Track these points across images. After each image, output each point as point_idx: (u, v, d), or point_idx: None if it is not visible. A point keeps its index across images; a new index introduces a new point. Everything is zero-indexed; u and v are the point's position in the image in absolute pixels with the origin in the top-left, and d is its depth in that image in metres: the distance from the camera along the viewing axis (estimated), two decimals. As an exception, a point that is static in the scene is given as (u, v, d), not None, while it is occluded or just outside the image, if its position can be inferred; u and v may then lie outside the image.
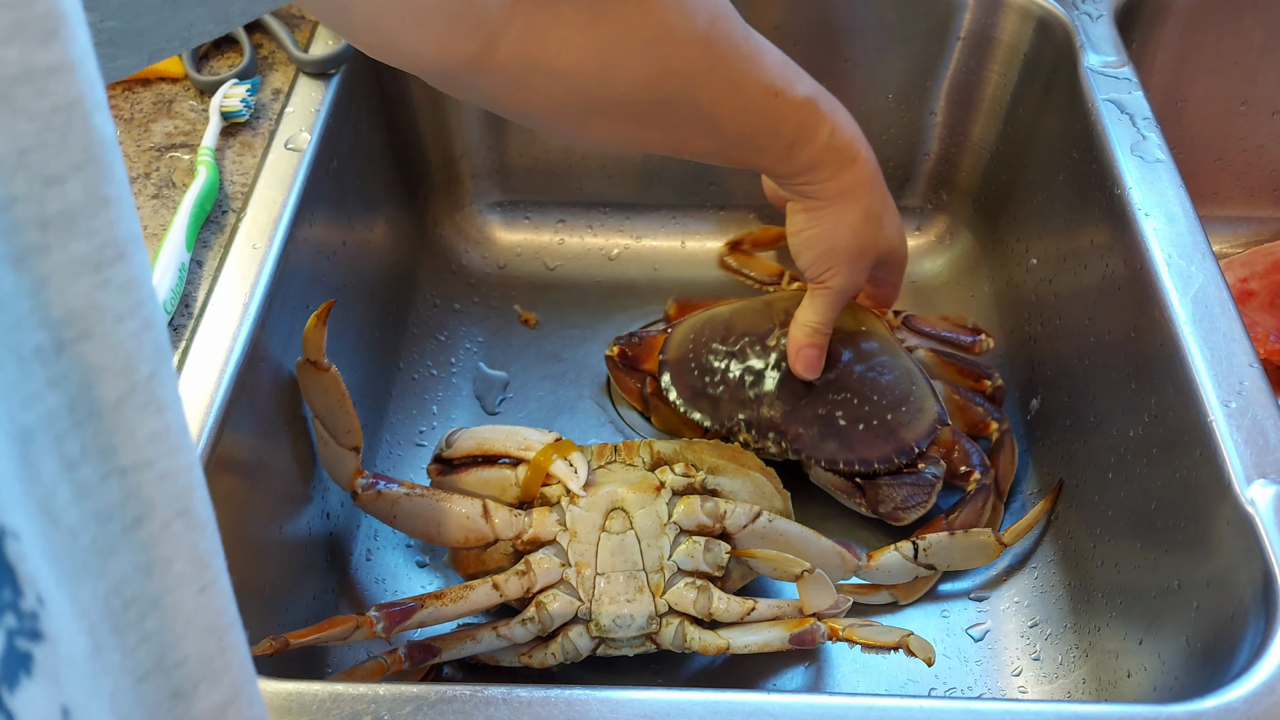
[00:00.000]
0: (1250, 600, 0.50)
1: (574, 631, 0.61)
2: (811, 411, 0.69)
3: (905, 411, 0.70)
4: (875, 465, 0.68)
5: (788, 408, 0.69)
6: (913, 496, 0.68)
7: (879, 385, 0.70)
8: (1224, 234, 0.95)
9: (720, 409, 0.71)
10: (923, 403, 0.71)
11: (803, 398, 0.70)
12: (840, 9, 0.86)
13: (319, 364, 0.62)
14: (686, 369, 0.73)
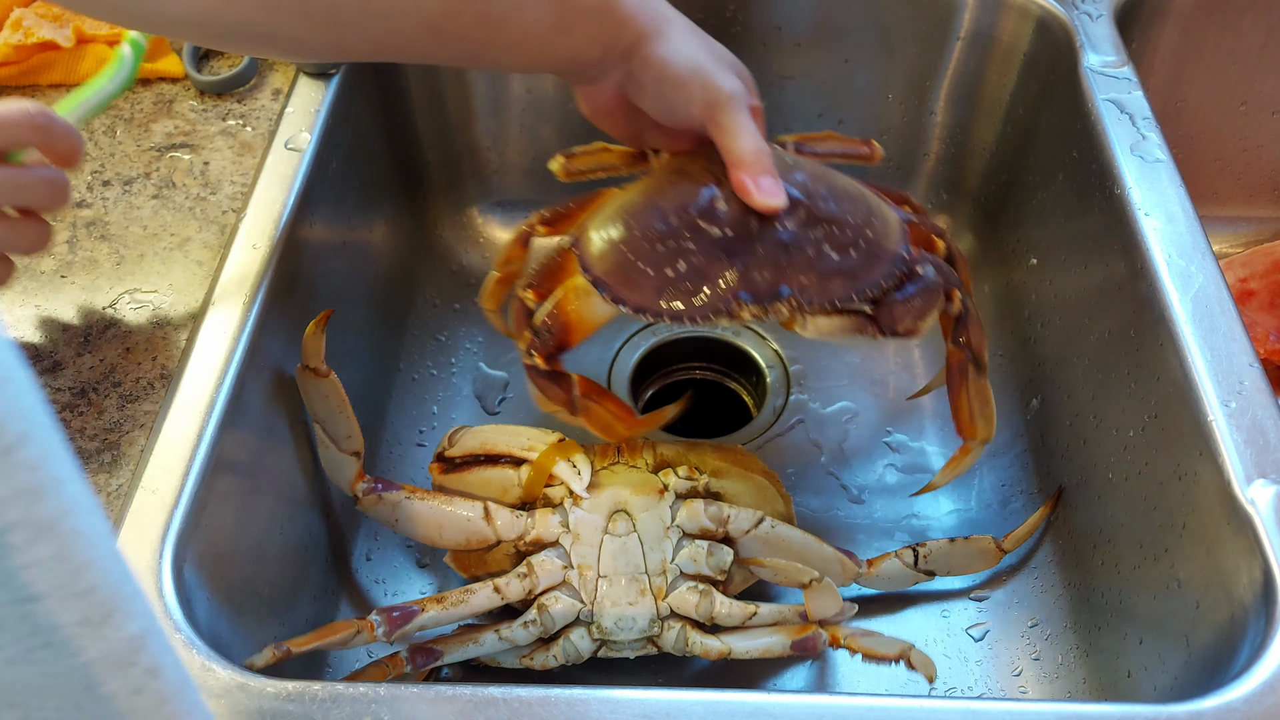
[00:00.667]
0: (1250, 600, 0.50)
1: (576, 633, 0.61)
2: (802, 257, 0.59)
3: (877, 221, 0.62)
4: (882, 284, 0.60)
5: (778, 263, 0.59)
6: (927, 302, 0.60)
7: (843, 204, 0.62)
8: (1224, 234, 0.95)
9: (702, 297, 0.58)
10: (882, 208, 0.64)
11: (786, 247, 0.59)
12: (840, 9, 0.86)
13: (318, 370, 0.62)
14: (633, 276, 0.58)
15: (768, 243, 0.59)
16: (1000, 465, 0.77)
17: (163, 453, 0.53)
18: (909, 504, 0.76)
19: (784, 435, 0.80)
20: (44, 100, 0.77)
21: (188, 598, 0.49)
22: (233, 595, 0.55)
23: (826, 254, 0.60)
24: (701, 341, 0.88)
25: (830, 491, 0.77)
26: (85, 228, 0.68)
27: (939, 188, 0.93)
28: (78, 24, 0.78)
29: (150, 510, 0.51)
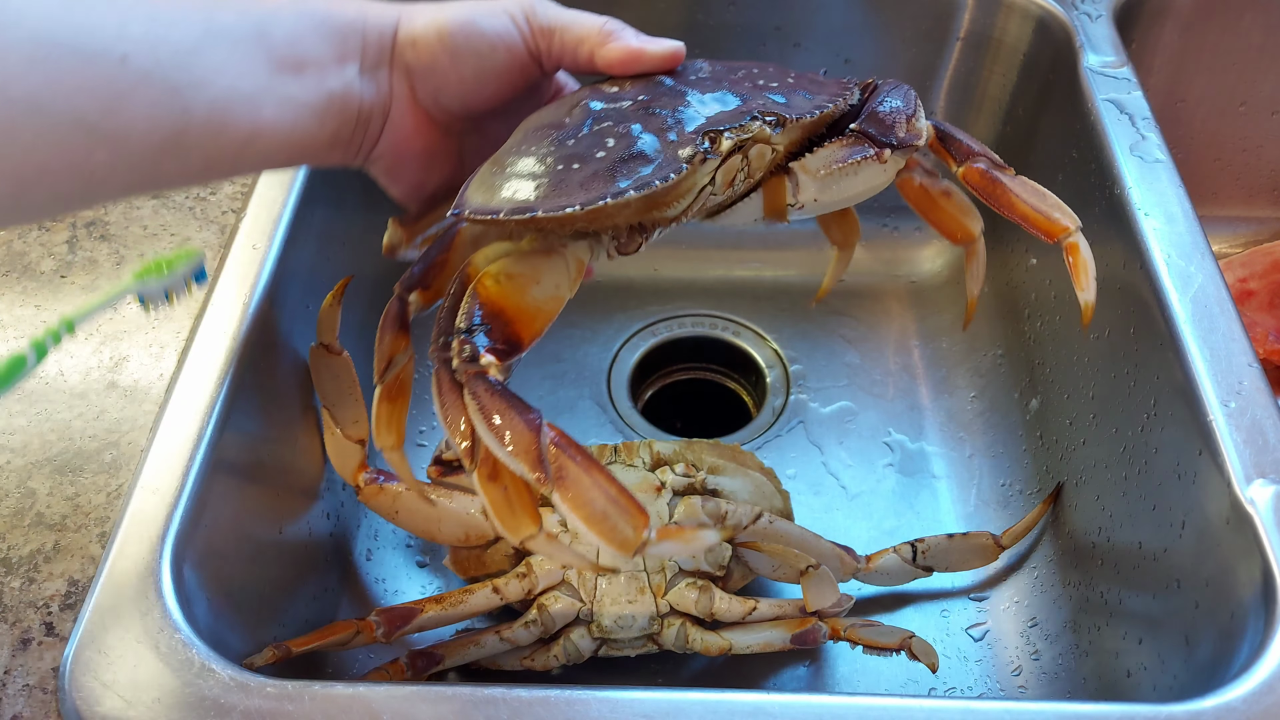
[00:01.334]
0: (1250, 600, 0.50)
1: (576, 633, 0.61)
2: (750, 87, 0.49)
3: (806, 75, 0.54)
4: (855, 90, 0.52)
5: (723, 99, 0.48)
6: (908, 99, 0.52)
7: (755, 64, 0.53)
8: (1223, 234, 0.95)
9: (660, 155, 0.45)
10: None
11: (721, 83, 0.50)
12: (840, 9, 0.86)
13: (332, 347, 0.62)
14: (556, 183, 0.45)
15: (699, 85, 0.49)
16: (1000, 464, 0.77)
17: (163, 453, 0.53)
18: (908, 504, 0.76)
19: (784, 435, 0.80)
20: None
21: (187, 597, 0.49)
22: (232, 595, 0.55)
23: (767, 86, 0.50)
24: (701, 341, 0.88)
25: (830, 491, 0.77)
26: (85, 228, 0.68)
27: (939, 188, 0.92)
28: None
29: (150, 510, 0.51)
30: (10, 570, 0.52)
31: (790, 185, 0.47)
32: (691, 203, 0.46)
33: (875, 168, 0.48)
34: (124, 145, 0.42)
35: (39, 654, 0.49)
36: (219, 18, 0.46)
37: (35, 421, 0.58)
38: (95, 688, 0.46)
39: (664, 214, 0.47)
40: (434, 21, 0.50)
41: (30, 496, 0.55)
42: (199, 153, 0.45)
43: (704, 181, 0.46)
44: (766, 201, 0.47)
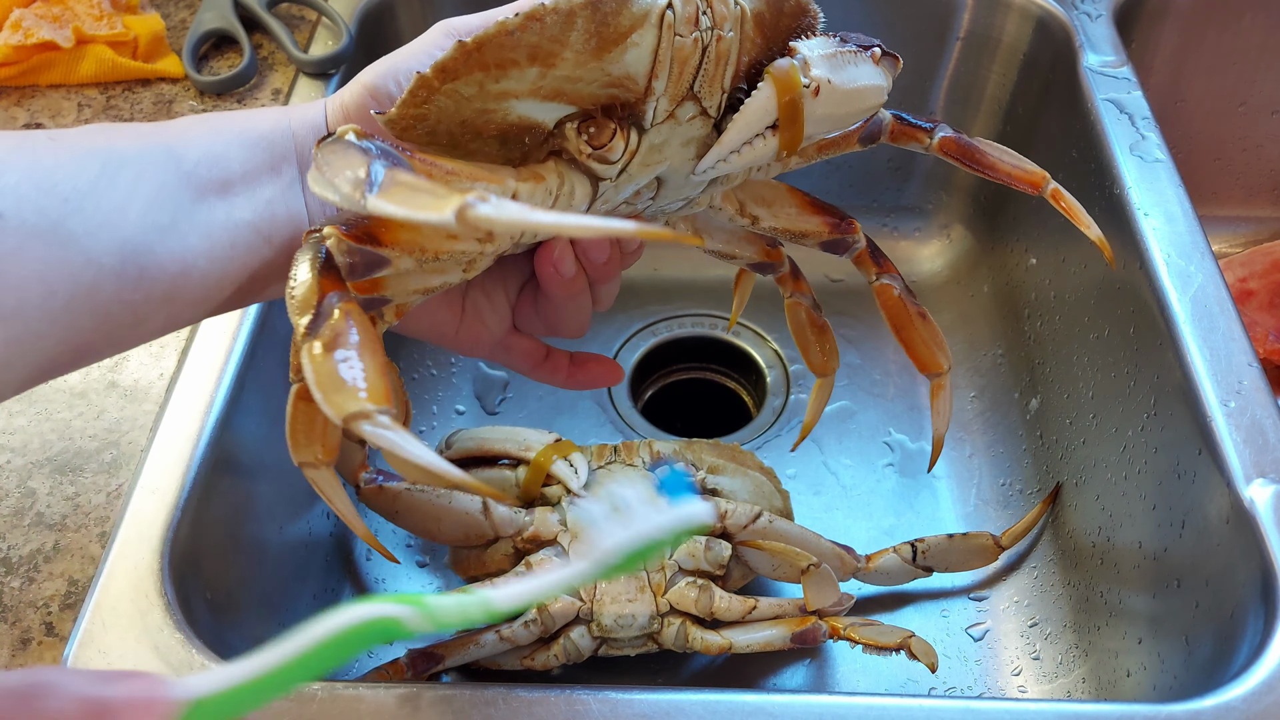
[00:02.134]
0: (1250, 599, 0.50)
1: (576, 632, 0.61)
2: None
3: None
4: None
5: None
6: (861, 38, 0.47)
7: None
8: (1223, 234, 0.95)
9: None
10: None
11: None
12: (840, 9, 0.85)
13: None
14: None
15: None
16: (1000, 465, 0.77)
17: (163, 453, 0.53)
18: (908, 504, 0.76)
19: (784, 435, 0.80)
20: (43, 100, 0.77)
21: (187, 597, 0.49)
22: (232, 595, 0.55)
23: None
24: (701, 341, 0.88)
25: (830, 491, 0.77)
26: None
27: (939, 187, 0.93)
28: (77, 24, 0.78)
29: (150, 510, 0.51)
30: (10, 570, 0.52)
31: (798, 62, 0.41)
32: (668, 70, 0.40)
33: (870, 67, 0.45)
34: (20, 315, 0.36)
35: (39, 654, 0.49)
36: (118, 147, 0.39)
37: (35, 421, 0.58)
38: (95, 688, 0.46)
39: (631, 83, 0.40)
40: (360, 84, 0.45)
41: (30, 496, 0.55)
42: (120, 307, 0.38)
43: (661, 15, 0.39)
44: (778, 88, 0.41)
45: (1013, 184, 0.52)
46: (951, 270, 0.91)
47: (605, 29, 0.38)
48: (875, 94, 0.44)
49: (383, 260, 0.39)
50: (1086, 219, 0.51)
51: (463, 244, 0.41)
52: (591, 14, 0.38)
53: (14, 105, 0.77)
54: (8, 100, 0.77)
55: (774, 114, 0.41)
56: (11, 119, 0.75)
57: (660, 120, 0.41)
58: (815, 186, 0.73)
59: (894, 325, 0.55)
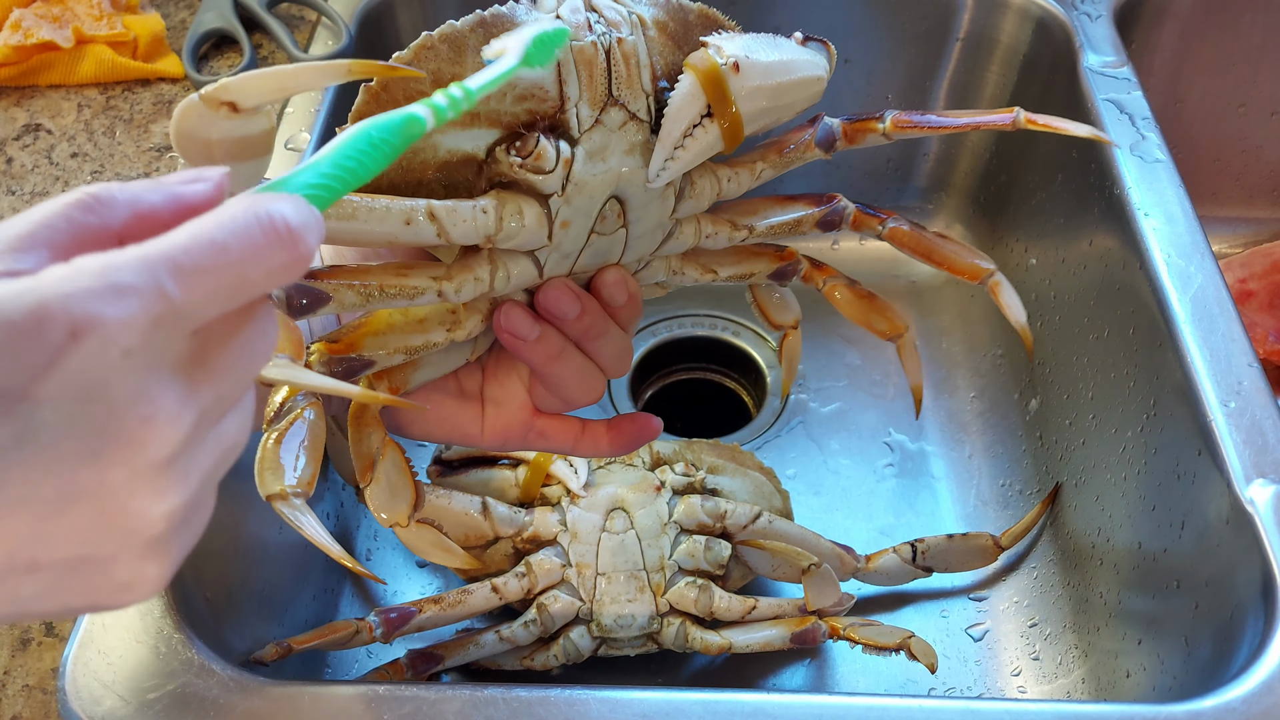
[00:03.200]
0: (1249, 600, 0.50)
1: (575, 632, 0.61)
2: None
3: None
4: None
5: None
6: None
7: None
8: (1223, 234, 0.95)
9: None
10: None
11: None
12: (840, 9, 0.86)
13: None
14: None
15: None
16: (1000, 465, 0.77)
17: (162, 452, 0.53)
18: (908, 504, 0.76)
19: (784, 435, 0.80)
20: (42, 101, 0.77)
21: (187, 598, 0.49)
22: (232, 595, 0.55)
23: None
24: (701, 341, 0.88)
25: (830, 491, 0.77)
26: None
27: (938, 188, 0.93)
28: (77, 24, 0.78)
29: (150, 510, 0.51)
30: (10, 570, 0.52)
31: (710, 50, 0.42)
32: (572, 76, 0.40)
33: (793, 45, 0.45)
34: None
35: (39, 654, 0.49)
36: None
37: (35, 421, 0.58)
38: (95, 688, 0.46)
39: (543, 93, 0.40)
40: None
41: (30, 496, 0.55)
42: None
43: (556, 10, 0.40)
44: (697, 71, 0.41)
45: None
46: (951, 270, 0.91)
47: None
48: (807, 67, 0.44)
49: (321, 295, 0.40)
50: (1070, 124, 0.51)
51: (432, 334, 0.42)
52: (482, 34, 0.39)
53: (14, 105, 0.77)
54: (8, 100, 0.77)
55: (702, 98, 0.41)
56: (11, 119, 0.76)
57: (588, 127, 0.41)
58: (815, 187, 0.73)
59: (924, 256, 0.55)
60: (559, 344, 0.44)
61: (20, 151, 0.73)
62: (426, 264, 0.43)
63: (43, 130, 0.75)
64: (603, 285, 0.45)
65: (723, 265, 0.50)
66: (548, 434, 0.47)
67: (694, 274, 0.49)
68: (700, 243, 0.47)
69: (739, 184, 0.46)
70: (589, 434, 0.48)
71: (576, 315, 0.44)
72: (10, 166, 0.71)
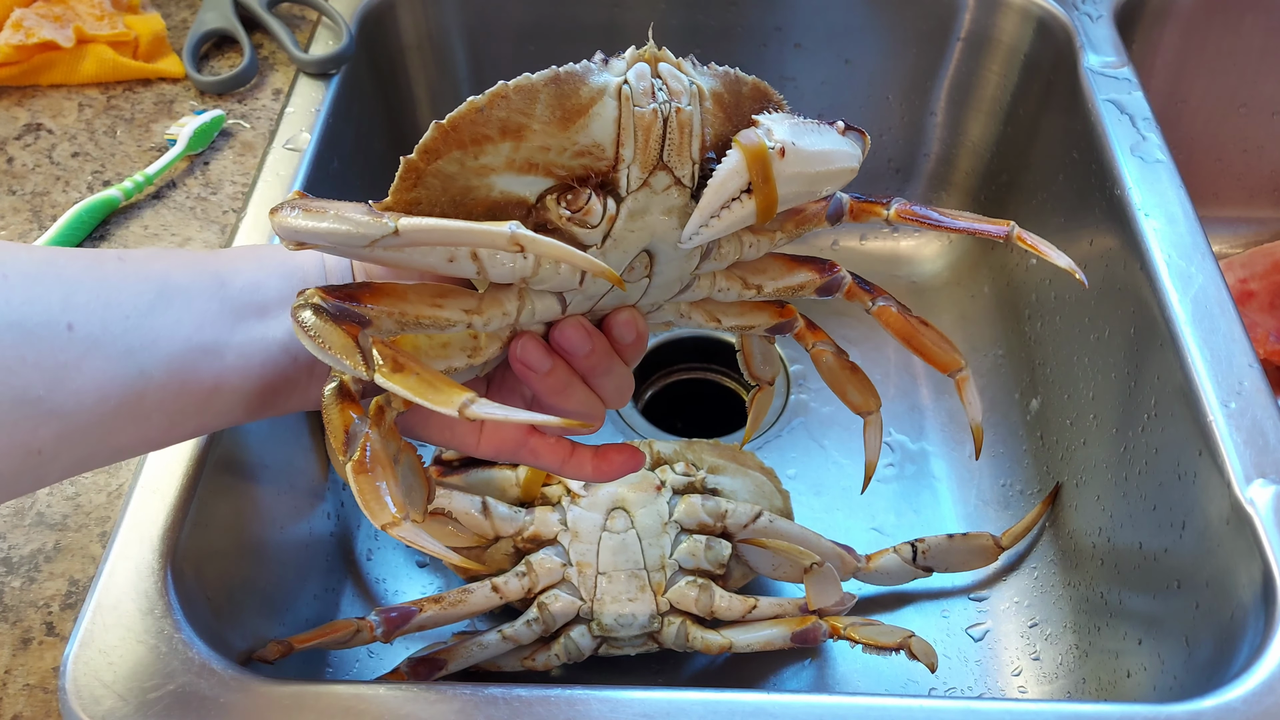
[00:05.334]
0: (1249, 600, 0.50)
1: (576, 631, 0.61)
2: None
3: None
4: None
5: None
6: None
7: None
8: (1224, 234, 0.95)
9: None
10: None
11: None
12: (841, 10, 0.86)
13: None
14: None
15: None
16: (1000, 465, 0.77)
17: (163, 453, 0.53)
18: (908, 504, 0.76)
19: (784, 435, 0.80)
20: (43, 100, 0.77)
21: (188, 597, 0.49)
22: (233, 595, 0.55)
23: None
24: (701, 341, 0.88)
25: (830, 491, 0.77)
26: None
27: (939, 188, 0.93)
28: (78, 24, 0.78)
29: (150, 510, 0.51)
30: (10, 570, 0.52)
31: (760, 131, 0.44)
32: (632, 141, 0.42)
33: (834, 134, 0.47)
34: (74, 417, 0.40)
35: (39, 654, 0.49)
36: (174, 278, 0.44)
37: (36, 421, 0.58)
38: (95, 688, 0.46)
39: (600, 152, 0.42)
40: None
41: (30, 496, 0.55)
42: (160, 414, 0.43)
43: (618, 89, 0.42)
44: (746, 152, 0.43)
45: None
46: (952, 271, 0.91)
47: (567, 101, 0.41)
48: (844, 158, 0.46)
49: (357, 315, 0.42)
50: (1053, 252, 0.53)
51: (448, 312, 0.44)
52: (553, 90, 0.41)
53: (15, 105, 0.77)
54: (9, 100, 0.77)
55: (745, 176, 0.43)
56: (13, 119, 0.76)
57: (635, 188, 0.43)
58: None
59: (904, 339, 0.59)
60: (566, 377, 0.47)
61: (21, 151, 0.73)
62: (459, 295, 0.45)
63: (44, 130, 0.75)
64: (614, 324, 0.47)
65: (727, 315, 0.53)
66: (539, 453, 0.50)
67: (700, 319, 0.52)
68: (712, 295, 0.50)
69: (758, 250, 0.49)
70: (576, 458, 0.50)
71: (587, 353, 0.47)
72: (11, 166, 0.71)
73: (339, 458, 0.43)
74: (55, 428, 0.39)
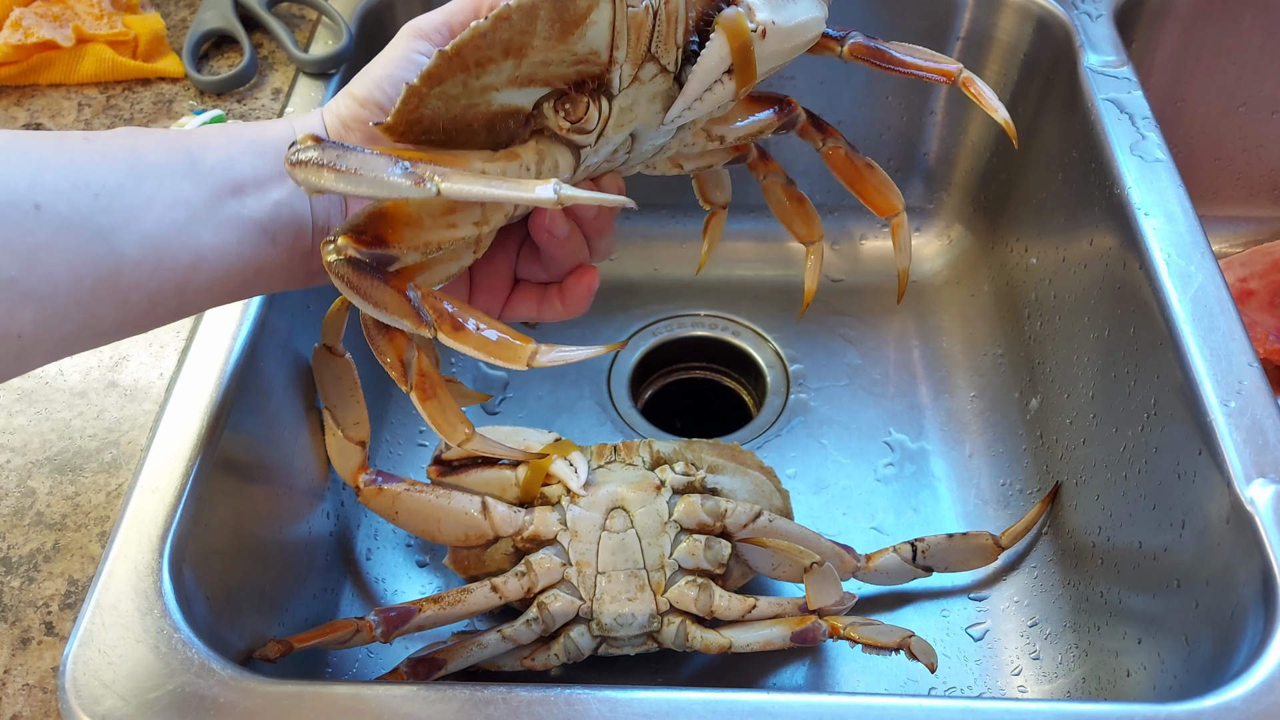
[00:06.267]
0: (1249, 599, 0.50)
1: (575, 631, 0.61)
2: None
3: None
4: None
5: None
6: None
7: None
8: (1224, 234, 0.95)
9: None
10: None
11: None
12: (840, 9, 0.85)
13: (335, 349, 0.62)
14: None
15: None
16: (1000, 465, 0.77)
17: (163, 452, 0.53)
18: (908, 504, 0.76)
19: (783, 435, 0.80)
20: (43, 100, 0.77)
21: (187, 597, 0.49)
22: (232, 594, 0.55)
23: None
24: (701, 341, 0.88)
25: (830, 490, 0.77)
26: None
27: (939, 187, 0.93)
28: (78, 24, 0.78)
29: (150, 510, 0.51)
30: (10, 570, 0.52)
31: (743, 9, 0.44)
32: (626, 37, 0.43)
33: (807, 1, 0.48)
34: (50, 299, 0.40)
35: (39, 654, 0.49)
36: (144, 155, 0.43)
37: (35, 421, 0.58)
38: (95, 687, 0.46)
39: (596, 58, 0.43)
40: (349, 97, 0.49)
41: (30, 496, 0.55)
42: (138, 294, 0.43)
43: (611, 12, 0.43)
44: (729, 36, 0.44)
45: (926, 77, 0.56)
46: (951, 270, 0.91)
47: (566, 14, 0.42)
48: (816, 25, 0.48)
49: (391, 258, 0.43)
50: (996, 101, 0.54)
51: (462, 230, 0.45)
52: (552, 4, 0.42)
53: (14, 105, 0.77)
54: (8, 100, 0.77)
55: (728, 60, 0.45)
56: (11, 118, 0.76)
57: (626, 85, 0.45)
58: (817, 186, 0.73)
59: (846, 181, 0.61)
60: (578, 237, 0.53)
61: (20, 151, 0.73)
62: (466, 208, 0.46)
63: (43, 129, 0.75)
64: (601, 186, 0.52)
65: (689, 161, 0.57)
66: (520, 301, 0.55)
67: (665, 169, 0.56)
68: (679, 151, 0.54)
69: (725, 111, 0.51)
70: (547, 302, 0.55)
71: (595, 216, 0.52)
72: (10, 166, 0.71)
73: (402, 386, 0.45)
74: (32, 311, 0.39)
